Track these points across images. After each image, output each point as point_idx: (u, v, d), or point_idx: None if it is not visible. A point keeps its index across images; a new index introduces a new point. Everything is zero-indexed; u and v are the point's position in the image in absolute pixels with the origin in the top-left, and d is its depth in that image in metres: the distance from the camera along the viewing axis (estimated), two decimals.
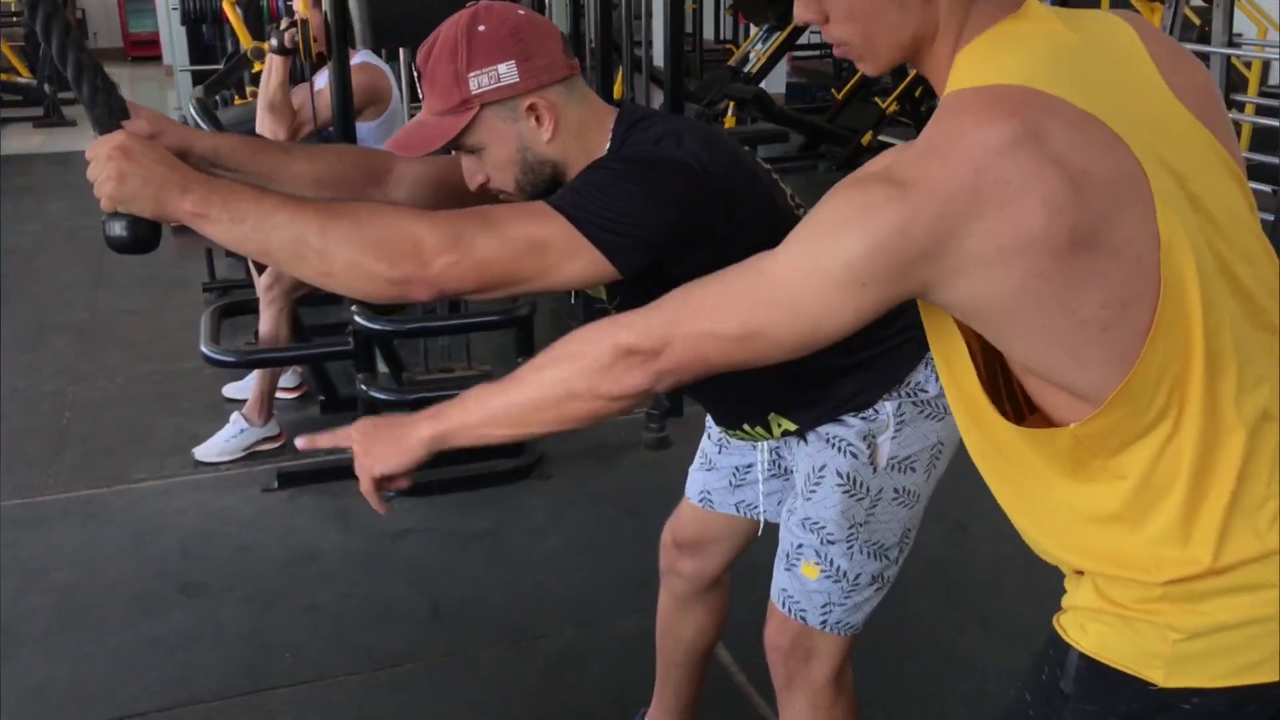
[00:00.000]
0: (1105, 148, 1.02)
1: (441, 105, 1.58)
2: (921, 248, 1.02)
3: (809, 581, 1.78)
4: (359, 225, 1.40)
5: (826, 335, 1.12)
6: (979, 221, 1.00)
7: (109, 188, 1.43)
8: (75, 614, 2.93)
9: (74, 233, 6.81)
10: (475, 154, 1.61)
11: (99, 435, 4.00)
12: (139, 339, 4.96)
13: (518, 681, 2.65)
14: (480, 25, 1.56)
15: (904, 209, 1.02)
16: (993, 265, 1.01)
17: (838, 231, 1.06)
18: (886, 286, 1.06)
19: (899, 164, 1.05)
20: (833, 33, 1.16)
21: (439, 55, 1.57)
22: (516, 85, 1.56)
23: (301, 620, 2.90)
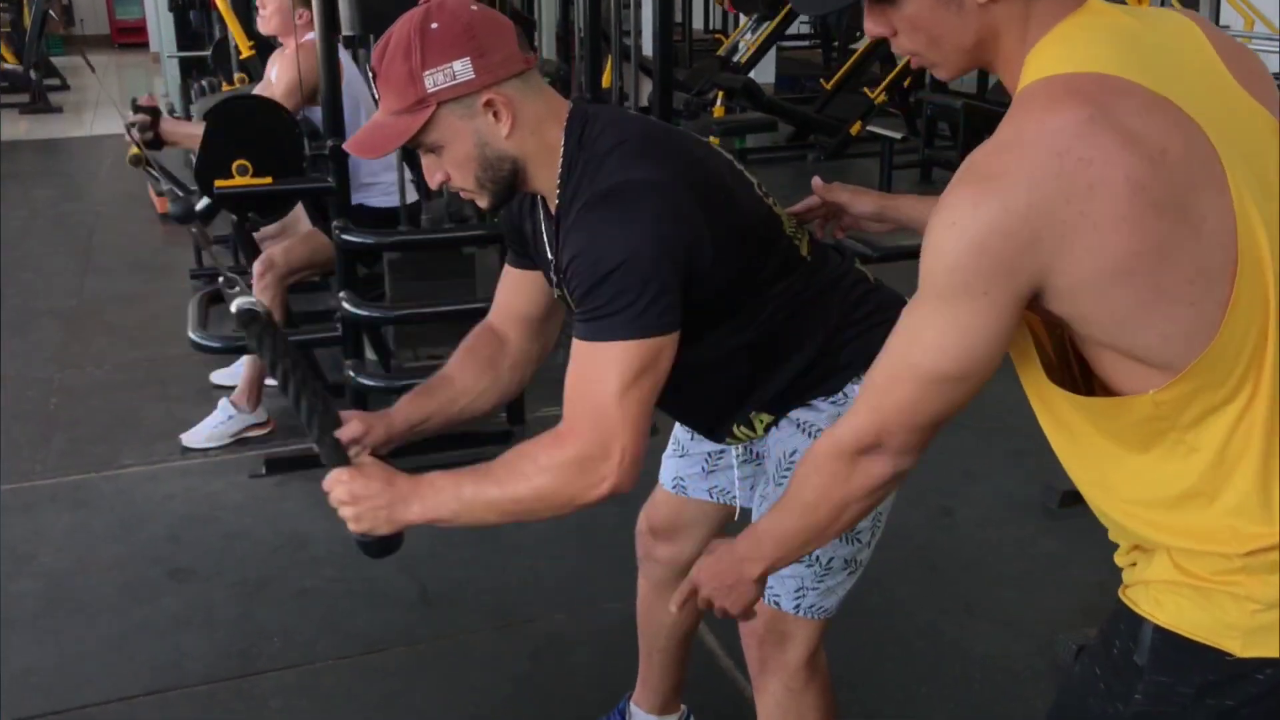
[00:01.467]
0: (1178, 127, 1.05)
1: (398, 105, 1.56)
2: (1021, 240, 1.05)
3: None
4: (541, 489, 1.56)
5: (991, 356, 1.14)
6: (1069, 205, 1.03)
7: (351, 524, 1.64)
8: (64, 599, 2.93)
9: (61, 219, 6.79)
10: (434, 152, 1.61)
11: (87, 421, 4.00)
12: (127, 325, 4.96)
13: (506, 665, 2.66)
14: (433, 23, 1.54)
15: (993, 207, 1.05)
16: (1089, 248, 1.03)
17: (942, 257, 1.10)
18: (1006, 287, 1.08)
19: (977, 164, 1.08)
20: (901, 44, 1.20)
21: (393, 55, 1.55)
22: (472, 82, 1.54)
23: (291, 605, 2.91)
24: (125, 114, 3.84)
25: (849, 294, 1.76)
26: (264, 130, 3.56)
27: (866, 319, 1.74)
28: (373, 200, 3.85)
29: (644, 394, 1.55)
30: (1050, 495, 3.24)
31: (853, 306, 1.75)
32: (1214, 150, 1.06)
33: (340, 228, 3.45)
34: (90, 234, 6.43)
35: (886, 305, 1.78)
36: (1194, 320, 1.06)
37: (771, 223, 1.71)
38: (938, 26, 1.15)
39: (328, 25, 3.35)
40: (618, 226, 1.52)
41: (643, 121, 1.74)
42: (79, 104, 11.00)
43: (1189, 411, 1.10)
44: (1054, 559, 3.03)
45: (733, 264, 1.62)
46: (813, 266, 1.74)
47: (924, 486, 3.24)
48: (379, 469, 1.62)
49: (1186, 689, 1.15)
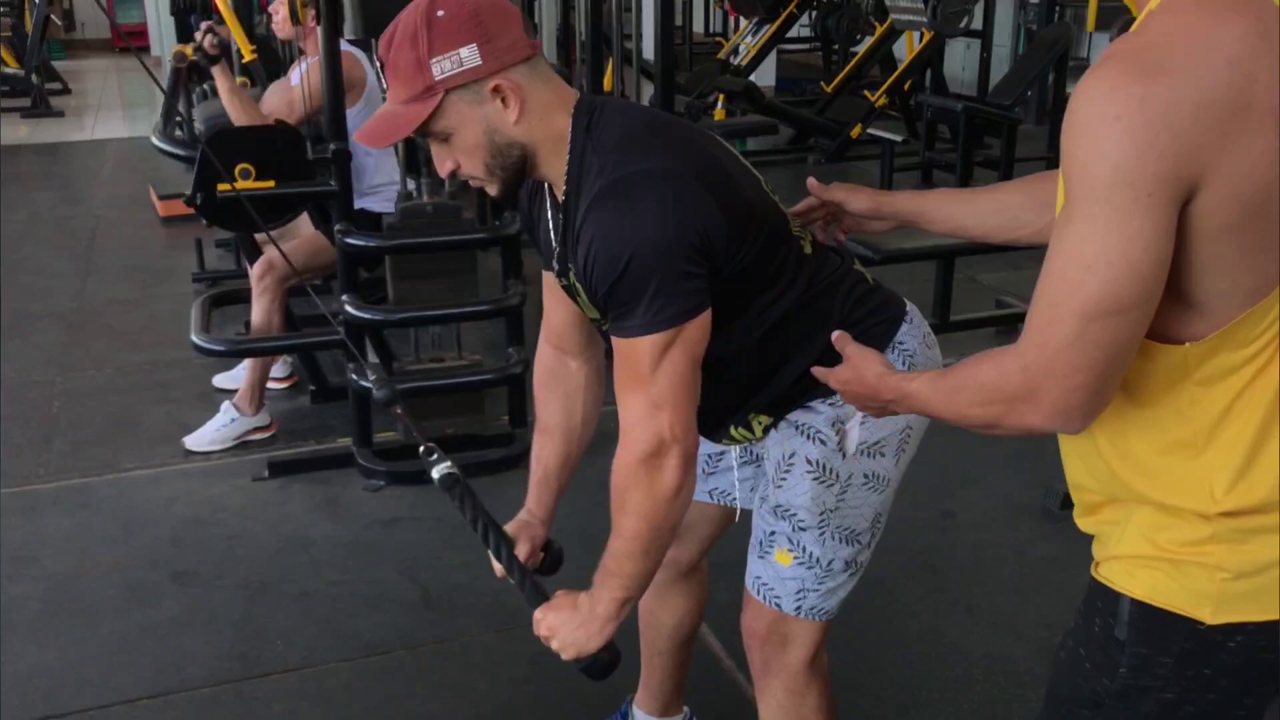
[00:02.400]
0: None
1: (406, 93, 1.55)
2: (1188, 142, 0.99)
3: (782, 568, 1.80)
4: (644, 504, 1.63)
5: (1159, 276, 1.04)
6: (1232, 119, 0.99)
7: (565, 654, 1.72)
8: (66, 601, 2.94)
9: (62, 222, 6.79)
10: (444, 141, 1.60)
11: (89, 424, 4.00)
12: (128, 328, 4.96)
13: (508, 668, 2.66)
14: (439, 10, 1.54)
15: (1162, 100, 0.99)
16: (1235, 173, 1.01)
17: (1105, 154, 1.01)
18: (1169, 192, 1.01)
19: (1136, 52, 1.02)
20: None
21: (400, 44, 1.55)
22: (480, 68, 1.54)
23: (292, 607, 2.91)
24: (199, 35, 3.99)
25: (849, 295, 1.76)
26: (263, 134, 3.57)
27: (866, 319, 1.74)
28: (376, 205, 3.86)
29: (692, 369, 1.59)
30: (1050, 498, 3.24)
31: (853, 307, 1.75)
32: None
33: (343, 230, 3.46)
34: (91, 237, 6.44)
35: (886, 305, 1.79)
36: (1263, 274, 1.06)
37: (779, 217, 1.72)
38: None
39: (331, 28, 3.35)
40: (630, 218, 1.52)
41: (649, 112, 1.74)
42: (80, 108, 11.00)
43: (1208, 366, 1.11)
44: (1054, 561, 3.03)
45: (746, 252, 1.62)
46: (815, 266, 1.74)
47: (924, 489, 3.24)
48: (563, 596, 1.74)
49: (1166, 659, 1.18)
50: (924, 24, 7.26)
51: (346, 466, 3.60)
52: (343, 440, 3.72)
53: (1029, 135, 7.74)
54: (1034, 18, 9.62)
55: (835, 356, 1.68)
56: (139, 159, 8.36)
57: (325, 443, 3.80)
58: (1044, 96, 8.15)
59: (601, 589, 1.69)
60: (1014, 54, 9.81)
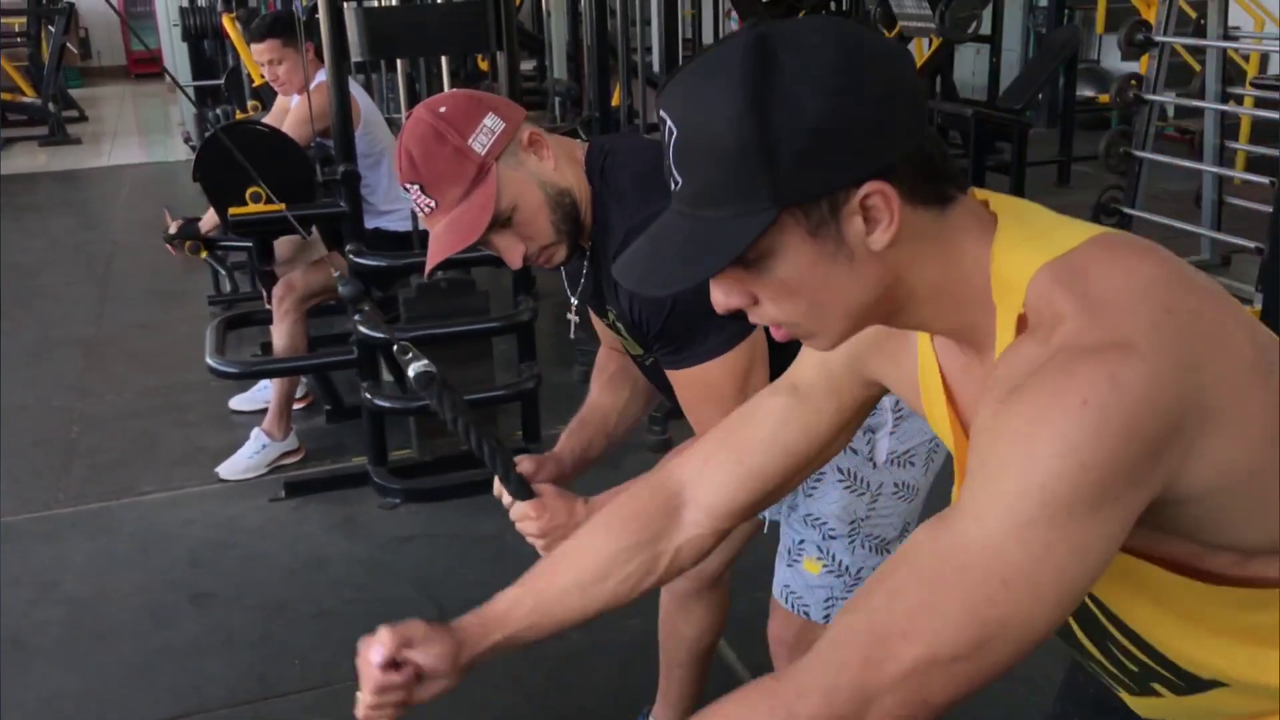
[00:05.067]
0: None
1: (460, 188, 1.54)
2: (1174, 418, 0.83)
3: (811, 577, 1.80)
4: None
5: (1075, 597, 0.84)
6: (1205, 364, 0.85)
7: (543, 553, 1.57)
8: (86, 625, 2.96)
9: (79, 249, 6.85)
10: (507, 225, 1.58)
11: (107, 448, 4.03)
12: (145, 352, 5.00)
13: (524, 683, 2.67)
14: (440, 108, 1.57)
15: (1138, 375, 0.82)
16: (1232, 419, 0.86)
17: (1072, 452, 0.81)
18: (1139, 490, 0.84)
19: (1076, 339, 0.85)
20: (765, 313, 0.97)
21: (427, 152, 1.54)
22: (507, 129, 1.57)
23: (310, 627, 2.92)
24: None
25: None
26: (274, 157, 3.60)
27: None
28: (391, 225, 3.89)
29: (760, 382, 1.57)
30: None
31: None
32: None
33: (354, 251, 3.48)
34: (109, 262, 6.49)
35: None
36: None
37: None
38: (822, 288, 0.93)
39: (338, 52, 3.38)
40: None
41: (655, 147, 1.75)
42: (97, 134, 11.10)
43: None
44: None
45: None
46: None
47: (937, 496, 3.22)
48: (562, 498, 1.64)
49: None
50: (932, 30, 7.26)
51: (362, 485, 3.61)
52: (358, 459, 3.74)
53: (1040, 139, 7.72)
54: (1043, 21, 9.62)
55: None
56: (156, 184, 8.44)
57: (341, 462, 3.82)
58: (1055, 100, 8.13)
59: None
60: (1024, 58, 9.81)
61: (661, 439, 3.83)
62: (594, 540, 1.29)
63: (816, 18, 0.97)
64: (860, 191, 0.89)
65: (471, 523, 3.42)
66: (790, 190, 0.88)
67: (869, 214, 0.90)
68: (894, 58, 0.92)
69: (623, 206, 1.58)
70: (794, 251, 0.91)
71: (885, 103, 0.89)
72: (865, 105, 0.88)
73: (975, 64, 9.70)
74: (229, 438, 3.90)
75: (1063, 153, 7.52)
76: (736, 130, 0.87)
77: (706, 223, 0.91)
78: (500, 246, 1.60)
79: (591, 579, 1.27)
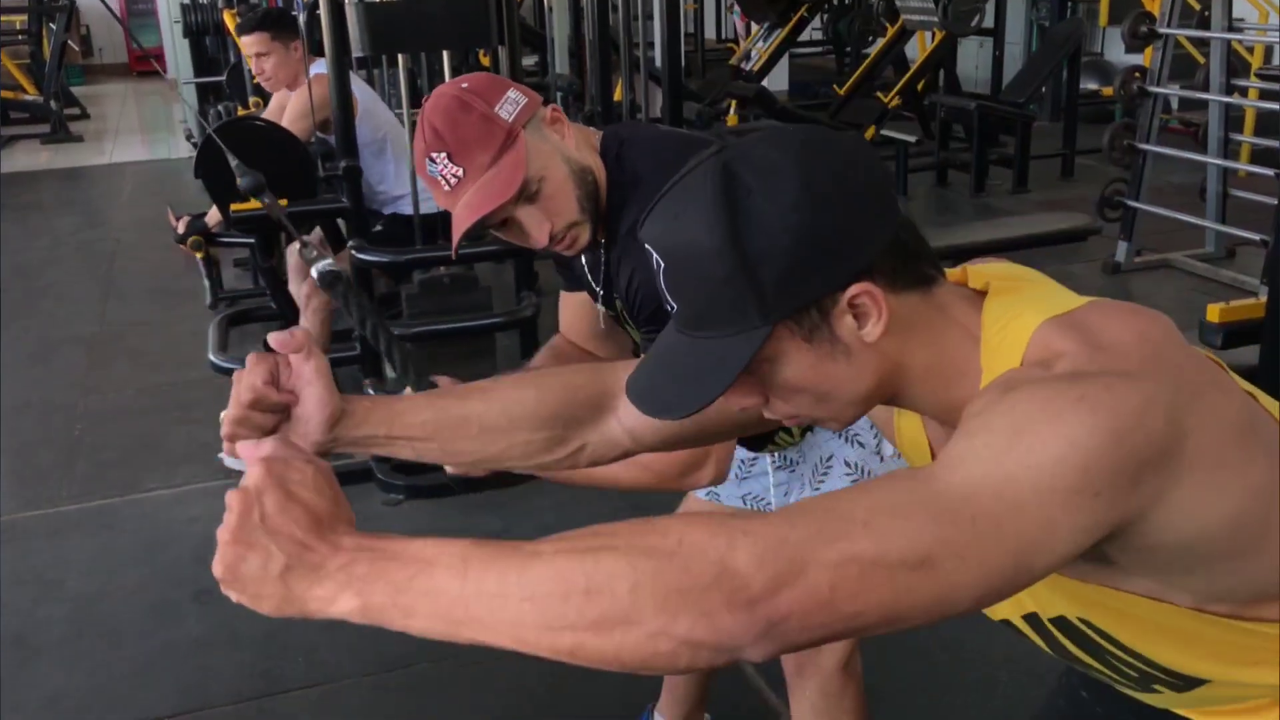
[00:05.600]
0: None
1: (488, 154, 1.51)
2: (1158, 445, 0.85)
3: None
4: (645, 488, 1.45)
5: (1025, 574, 0.83)
6: (1190, 413, 0.87)
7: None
8: (91, 623, 2.96)
9: (82, 247, 6.85)
10: (533, 199, 1.55)
11: (111, 446, 4.03)
12: (149, 350, 5.00)
13: (531, 681, 2.66)
14: (461, 84, 1.56)
15: (1134, 395, 0.85)
16: (1208, 468, 0.88)
17: (1057, 428, 0.83)
18: (1114, 501, 0.84)
19: (1080, 363, 0.89)
20: (779, 410, 1.01)
21: (452, 120, 1.52)
22: (530, 103, 1.56)
23: (314, 624, 2.87)
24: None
25: None
26: (275, 153, 3.59)
27: None
28: (406, 208, 3.88)
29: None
30: None
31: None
32: None
33: (356, 247, 3.47)
34: (111, 261, 6.49)
35: None
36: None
37: None
38: (825, 382, 0.97)
39: (339, 46, 3.37)
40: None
41: (678, 136, 1.73)
42: (99, 132, 11.10)
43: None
44: None
45: None
46: None
47: None
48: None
49: None
50: (936, 24, 7.24)
51: (365, 482, 3.60)
52: (360, 456, 3.73)
53: (1043, 132, 7.70)
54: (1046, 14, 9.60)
55: None
56: (158, 182, 8.44)
57: (344, 458, 3.81)
58: (1058, 93, 8.12)
59: None
60: (1027, 51, 9.79)
61: None
62: (516, 391, 1.22)
63: (773, 133, 0.98)
64: (846, 295, 0.93)
65: (475, 519, 3.42)
66: (778, 307, 0.93)
67: (858, 311, 0.94)
68: (856, 156, 0.96)
69: (640, 193, 1.55)
70: (793, 356, 0.96)
71: (854, 206, 0.93)
72: (835, 214, 0.92)
73: (978, 57, 9.68)
74: None
75: (1066, 146, 7.50)
76: (717, 262, 0.92)
77: (705, 344, 0.96)
78: (526, 222, 1.56)
79: (495, 423, 1.20)
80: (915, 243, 0.97)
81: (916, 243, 0.97)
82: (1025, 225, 4.93)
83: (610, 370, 1.25)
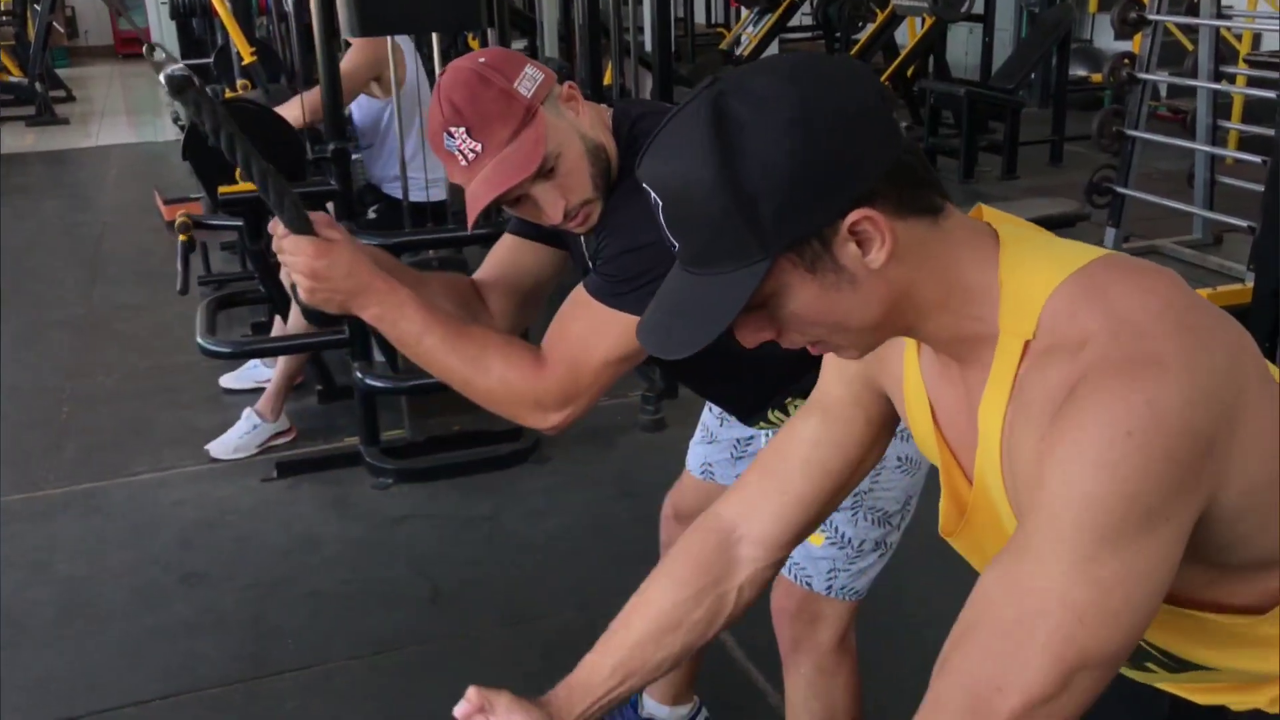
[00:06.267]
0: None
1: (508, 129, 1.51)
2: (1208, 434, 0.87)
3: (814, 549, 1.81)
4: (490, 391, 1.59)
5: (1152, 608, 0.88)
6: (1228, 386, 0.88)
7: (303, 294, 1.56)
8: (78, 606, 2.95)
9: (70, 230, 6.82)
10: (549, 176, 1.55)
11: (98, 429, 4.02)
12: (136, 333, 4.98)
13: (518, 662, 2.67)
14: (480, 59, 1.56)
15: (1174, 398, 0.85)
16: (1250, 430, 0.89)
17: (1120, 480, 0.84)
18: (1188, 503, 0.87)
19: (1109, 352, 0.88)
20: (796, 340, 1.02)
21: (472, 94, 1.51)
22: (547, 79, 1.56)
23: (302, 606, 2.92)
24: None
25: None
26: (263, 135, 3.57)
27: None
28: (413, 195, 3.86)
29: (622, 370, 1.59)
30: None
31: None
32: None
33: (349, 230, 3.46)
34: (98, 244, 6.46)
35: None
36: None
37: None
38: (833, 313, 0.97)
39: (328, 27, 3.35)
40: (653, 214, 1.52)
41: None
42: (85, 115, 11.03)
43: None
44: None
45: None
46: None
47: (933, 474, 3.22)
48: (347, 253, 1.54)
49: None
50: (925, 9, 7.24)
51: (354, 465, 3.60)
52: (350, 439, 3.73)
53: (1032, 118, 7.71)
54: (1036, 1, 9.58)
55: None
56: (144, 164, 8.39)
57: (333, 442, 3.81)
58: (1047, 79, 8.12)
59: (387, 316, 1.57)
60: (1016, 37, 9.78)
61: (654, 418, 3.83)
62: (658, 593, 1.30)
63: (767, 62, 0.97)
64: (846, 222, 0.92)
65: (465, 503, 3.42)
66: (778, 239, 0.92)
67: (861, 238, 0.93)
68: (852, 81, 0.93)
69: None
70: (798, 288, 0.95)
71: (852, 131, 0.91)
72: (832, 142, 0.90)
73: (968, 43, 9.68)
74: (220, 418, 3.89)
75: (1055, 132, 7.51)
76: (714, 198, 0.91)
77: (708, 281, 0.95)
78: (542, 199, 1.56)
79: (663, 630, 1.27)
80: (922, 168, 0.96)
81: (923, 169, 0.96)
82: (1014, 211, 4.90)
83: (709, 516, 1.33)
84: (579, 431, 3.76)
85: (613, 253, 1.56)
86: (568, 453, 3.70)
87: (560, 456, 3.68)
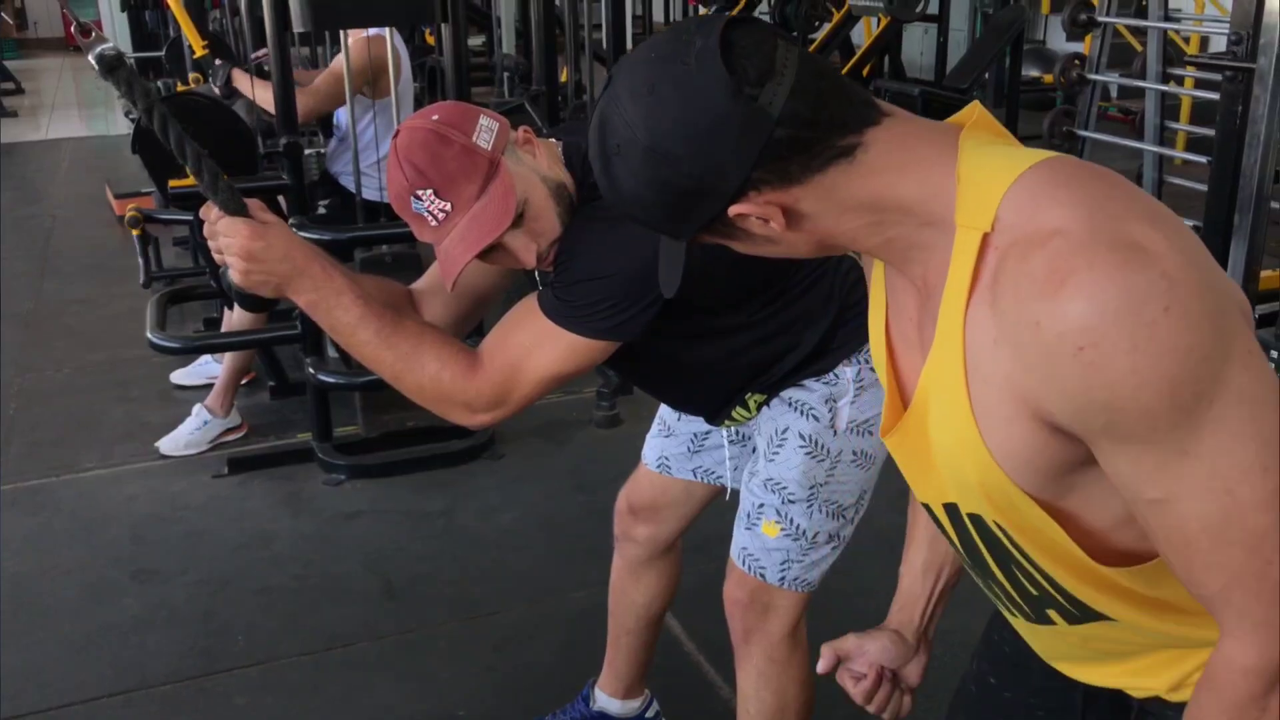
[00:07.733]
0: None
1: (475, 185, 1.52)
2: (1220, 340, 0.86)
3: (769, 539, 1.83)
4: (421, 387, 1.59)
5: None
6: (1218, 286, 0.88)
7: (236, 275, 1.54)
8: (26, 603, 2.92)
9: (18, 223, 6.72)
10: (518, 224, 1.55)
11: (47, 425, 3.97)
12: (86, 328, 4.92)
13: (471, 656, 2.67)
14: (433, 115, 1.56)
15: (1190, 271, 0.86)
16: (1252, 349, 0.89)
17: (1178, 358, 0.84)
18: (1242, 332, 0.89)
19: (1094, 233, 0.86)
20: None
21: (433, 155, 1.52)
22: (503, 127, 1.58)
23: (254, 602, 2.91)
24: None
25: (846, 275, 1.79)
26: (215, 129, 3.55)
27: (861, 302, 1.76)
28: (368, 194, 3.84)
29: (558, 383, 1.63)
30: None
31: (849, 290, 1.78)
32: None
33: (297, 224, 3.44)
34: (48, 237, 6.37)
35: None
36: None
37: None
38: (773, 253, 1.04)
39: (280, 22, 3.33)
40: (615, 244, 1.54)
41: None
42: (35, 107, 10.88)
43: None
44: None
45: (747, 277, 1.69)
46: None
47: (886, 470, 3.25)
48: (283, 236, 1.53)
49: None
50: (881, 9, 7.29)
51: (307, 461, 3.59)
52: (303, 435, 3.71)
53: None
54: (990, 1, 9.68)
55: (834, 337, 1.77)
56: (95, 158, 8.29)
57: (285, 438, 3.79)
58: (1001, 79, 8.20)
59: (322, 303, 1.56)
60: (971, 38, 9.88)
61: (609, 414, 3.84)
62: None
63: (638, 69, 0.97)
64: (730, 214, 0.97)
65: (418, 499, 3.42)
66: (679, 233, 1.03)
67: (749, 220, 0.98)
68: (704, 87, 0.93)
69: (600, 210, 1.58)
70: (730, 244, 1.04)
71: (704, 147, 0.94)
72: (688, 165, 0.95)
73: (923, 43, 9.76)
74: (171, 413, 3.85)
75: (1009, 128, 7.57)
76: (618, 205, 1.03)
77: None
78: (514, 247, 1.57)
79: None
80: (808, 129, 0.94)
81: (811, 128, 0.94)
82: None
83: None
84: (533, 427, 3.79)
85: (572, 278, 1.57)
86: (522, 448, 3.70)
87: (514, 452, 3.68)
